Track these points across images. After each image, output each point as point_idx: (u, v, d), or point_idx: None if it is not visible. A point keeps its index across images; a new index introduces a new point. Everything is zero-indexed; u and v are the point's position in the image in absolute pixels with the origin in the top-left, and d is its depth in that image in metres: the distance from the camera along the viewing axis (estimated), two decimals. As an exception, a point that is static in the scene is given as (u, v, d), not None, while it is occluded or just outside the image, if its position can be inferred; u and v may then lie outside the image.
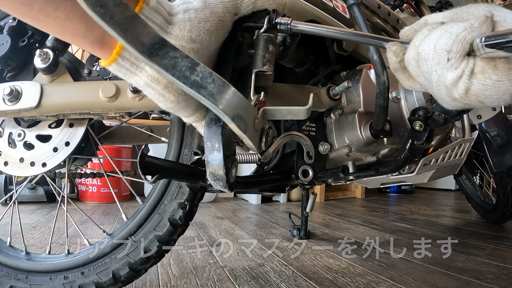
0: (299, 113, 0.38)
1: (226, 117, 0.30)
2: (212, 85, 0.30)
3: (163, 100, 0.35)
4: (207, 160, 0.35)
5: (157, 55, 0.29)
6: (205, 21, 0.35)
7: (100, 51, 0.34)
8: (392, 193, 3.27)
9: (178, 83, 0.30)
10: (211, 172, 0.35)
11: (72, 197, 2.29)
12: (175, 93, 0.35)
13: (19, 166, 0.67)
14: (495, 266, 1.01)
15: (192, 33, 0.34)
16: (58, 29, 0.32)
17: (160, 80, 0.34)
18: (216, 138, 0.34)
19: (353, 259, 1.08)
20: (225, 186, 0.35)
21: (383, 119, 0.55)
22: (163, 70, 0.29)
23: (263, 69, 0.37)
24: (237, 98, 0.31)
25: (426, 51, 0.31)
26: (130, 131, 0.93)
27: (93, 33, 0.32)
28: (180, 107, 0.36)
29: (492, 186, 1.75)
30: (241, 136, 0.33)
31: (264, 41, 0.38)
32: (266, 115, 0.38)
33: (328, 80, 0.68)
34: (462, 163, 0.74)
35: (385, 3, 0.80)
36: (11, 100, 0.59)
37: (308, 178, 0.64)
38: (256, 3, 0.38)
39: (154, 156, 0.50)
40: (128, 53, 0.33)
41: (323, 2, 0.59)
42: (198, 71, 0.30)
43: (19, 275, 0.69)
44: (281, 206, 2.36)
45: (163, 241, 0.68)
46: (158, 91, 0.34)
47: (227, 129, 0.34)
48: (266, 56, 0.37)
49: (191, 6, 0.35)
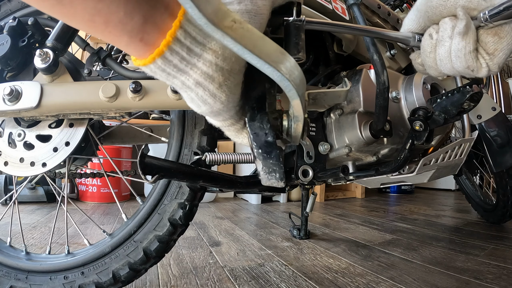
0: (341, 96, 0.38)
1: (294, 91, 0.29)
2: (280, 57, 0.28)
3: (212, 101, 0.31)
4: (258, 152, 0.33)
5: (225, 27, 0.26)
6: (259, 14, 0.33)
7: (139, 44, 0.28)
8: (392, 193, 3.27)
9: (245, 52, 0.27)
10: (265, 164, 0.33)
11: (72, 197, 2.29)
12: (228, 92, 0.32)
13: (19, 166, 0.67)
14: (495, 266, 1.01)
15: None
16: (87, 14, 0.26)
17: (215, 77, 0.30)
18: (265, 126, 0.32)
19: (353, 259, 1.08)
20: (282, 178, 0.34)
21: (383, 119, 0.55)
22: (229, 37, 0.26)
23: (298, 56, 0.37)
24: (300, 73, 0.30)
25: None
26: (130, 131, 0.93)
27: (134, 18, 0.26)
28: (227, 109, 0.33)
29: (492, 186, 1.75)
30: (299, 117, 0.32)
31: (296, 28, 0.38)
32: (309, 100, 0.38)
33: (328, 80, 0.68)
34: (462, 163, 0.74)
35: (385, 3, 0.80)
36: (11, 100, 0.59)
37: (308, 178, 0.64)
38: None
39: (154, 156, 0.50)
40: (179, 45, 0.28)
41: (322, 5, 0.59)
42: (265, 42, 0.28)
43: (19, 275, 0.69)
44: (281, 206, 2.36)
45: (163, 241, 0.68)
46: (211, 91, 0.31)
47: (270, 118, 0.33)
48: (299, 43, 0.37)
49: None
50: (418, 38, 0.45)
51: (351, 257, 1.10)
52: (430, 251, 1.18)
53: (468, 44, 0.39)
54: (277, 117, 0.36)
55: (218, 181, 0.59)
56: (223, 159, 0.58)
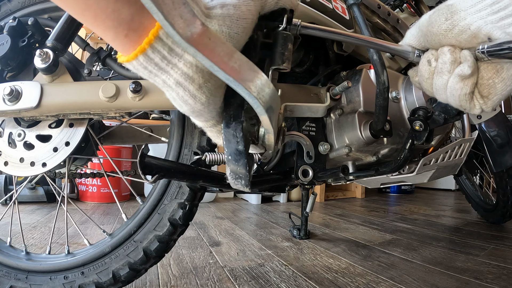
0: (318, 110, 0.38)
1: (261, 108, 0.30)
2: (249, 74, 0.29)
3: (192, 102, 0.32)
4: (228, 158, 0.34)
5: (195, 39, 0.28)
6: (242, 18, 0.34)
7: (124, 40, 0.29)
8: (392, 193, 3.27)
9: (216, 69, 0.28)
10: (233, 170, 0.34)
11: (72, 197, 2.29)
12: (207, 94, 0.32)
13: (19, 166, 0.67)
14: (495, 266, 1.01)
15: (232, 30, 0.33)
16: (78, 7, 0.28)
17: (195, 79, 0.31)
18: (237, 135, 0.33)
19: (353, 259, 1.08)
20: (247, 185, 0.34)
21: (383, 119, 0.55)
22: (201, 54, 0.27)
23: (282, 66, 0.37)
24: (270, 89, 0.31)
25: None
26: (130, 131, 0.93)
27: (121, 14, 0.28)
28: (208, 110, 0.34)
29: (492, 186, 1.75)
30: (268, 130, 0.33)
31: (283, 38, 0.38)
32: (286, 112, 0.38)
33: (328, 80, 0.68)
34: (462, 163, 0.74)
35: (385, 3, 0.80)
36: (11, 100, 0.59)
37: (308, 178, 0.64)
38: (278, 2, 0.38)
39: (154, 156, 0.50)
40: (161, 44, 0.29)
41: (322, 4, 0.59)
42: (235, 58, 0.29)
43: (19, 275, 0.69)
44: (281, 206, 2.36)
45: (163, 241, 0.68)
46: (191, 91, 0.32)
47: (244, 126, 0.34)
48: (285, 53, 0.37)
49: (227, 1, 0.34)
50: (418, 54, 0.44)
51: (351, 257, 1.10)
52: (430, 251, 1.18)
53: (466, 87, 0.37)
54: (255, 123, 0.36)
55: (218, 181, 0.59)
56: (223, 159, 0.58)
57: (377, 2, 0.69)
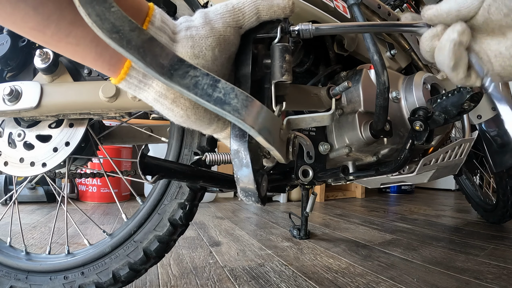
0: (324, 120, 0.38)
1: (253, 131, 0.30)
2: (236, 100, 0.29)
3: (172, 115, 0.35)
4: (237, 177, 0.34)
5: (178, 75, 0.29)
6: (206, 38, 0.35)
7: (108, 71, 0.35)
8: (392, 193, 3.27)
9: (201, 102, 0.29)
10: (242, 188, 0.34)
11: (72, 197, 2.29)
12: (183, 107, 0.35)
13: (19, 166, 0.67)
14: (495, 266, 1.01)
15: (195, 50, 0.34)
16: (69, 53, 0.33)
17: (168, 95, 0.34)
18: (244, 153, 0.33)
19: (353, 259, 1.08)
20: (257, 201, 0.35)
21: (383, 119, 0.55)
22: (185, 90, 0.29)
23: (282, 79, 0.37)
24: (261, 111, 0.31)
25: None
26: (130, 131, 0.93)
27: (102, 55, 0.33)
28: (191, 121, 0.36)
29: (492, 186, 1.75)
30: (269, 148, 0.33)
31: (280, 51, 0.38)
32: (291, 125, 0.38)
33: (328, 80, 0.68)
34: (462, 163, 0.74)
35: (385, 3, 0.80)
36: (11, 100, 0.59)
37: (308, 178, 0.64)
38: (260, 15, 0.37)
39: (154, 156, 0.50)
40: (135, 72, 0.33)
41: (324, 3, 0.59)
42: (220, 88, 0.30)
43: (19, 275, 0.69)
44: (281, 206, 2.36)
45: (163, 241, 0.68)
46: (167, 106, 0.34)
47: (252, 143, 0.34)
48: (283, 66, 0.37)
49: (192, 24, 0.35)
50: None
51: (351, 257, 1.10)
52: (430, 251, 1.18)
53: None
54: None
55: (218, 181, 0.59)
56: (223, 159, 0.58)
57: (377, 2, 0.69)
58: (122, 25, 0.27)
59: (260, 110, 0.31)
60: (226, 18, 0.36)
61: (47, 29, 0.30)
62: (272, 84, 0.38)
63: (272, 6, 0.37)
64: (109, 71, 0.35)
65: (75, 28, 0.31)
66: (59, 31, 0.31)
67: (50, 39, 0.31)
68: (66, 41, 0.31)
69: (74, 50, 0.33)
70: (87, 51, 0.33)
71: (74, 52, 0.33)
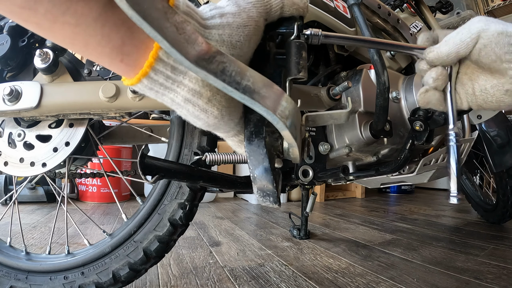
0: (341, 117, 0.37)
1: (281, 124, 0.28)
2: (265, 90, 0.28)
3: (205, 116, 0.31)
4: (254, 176, 0.33)
5: (204, 59, 0.26)
6: (244, 26, 0.33)
7: (120, 65, 0.29)
8: (392, 193, 3.27)
9: (229, 90, 0.27)
10: (260, 188, 0.33)
11: (72, 197, 2.29)
12: (219, 106, 0.31)
13: (19, 166, 0.67)
14: (495, 266, 1.01)
15: (233, 38, 0.32)
16: (67, 38, 0.27)
17: (203, 93, 0.30)
18: (261, 151, 0.32)
19: (353, 259, 1.08)
20: (276, 201, 0.33)
21: (383, 119, 0.55)
22: (212, 76, 0.26)
23: (298, 76, 0.36)
24: (290, 103, 0.30)
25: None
26: (130, 131, 0.93)
27: (111, 40, 0.27)
28: (223, 122, 0.33)
29: (492, 186, 1.75)
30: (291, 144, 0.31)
31: (297, 47, 0.37)
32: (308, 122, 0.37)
33: (328, 80, 0.68)
34: (462, 163, 0.74)
35: (385, 3, 0.80)
36: (11, 100, 0.59)
37: (308, 178, 0.64)
38: (284, 9, 0.37)
39: (154, 156, 0.50)
40: (163, 65, 0.28)
41: (325, 3, 0.59)
42: (248, 76, 0.28)
43: (19, 275, 0.69)
44: (281, 206, 2.36)
45: (163, 241, 0.68)
46: (200, 106, 0.30)
47: (267, 141, 0.32)
48: (300, 62, 0.37)
49: (226, 10, 0.33)
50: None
51: (351, 257, 1.10)
52: (430, 251, 1.18)
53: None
54: (278, 137, 0.35)
55: (218, 181, 0.59)
56: (223, 159, 0.58)
57: (377, 2, 0.69)
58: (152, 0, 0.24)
59: (288, 102, 0.29)
60: (257, 7, 0.35)
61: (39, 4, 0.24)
62: (288, 80, 0.37)
63: (294, 3, 0.37)
64: (121, 63, 0.29)
65: (74, 3, 0.25)
66: (54, 7, 0.25)
67: (43, 18, 0.25)
68: (62, 21, 0.25)
69: (74, 32, 0.26)
70: (90, 34, 0.26)
71: (74, 36, 0.27)
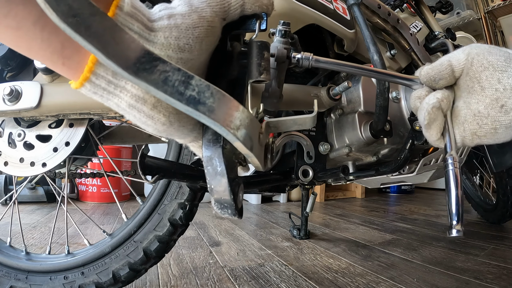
0: (306, 122, 0.35)
1: (231, 135, 0.26)
2: (211, 100, 0.26)
3: (152, 123, 0.30)
4: (210, 187, 0.31)
5: (144, 69, 0.25)
6: (194, 27, 0.30)
7: (62, 68, 0.28)
8: (392, 193, 3.27)
9: (172, 101, 0.25)
10: (217, 199, 0.31)
11: (72, 197, 2.29)
12: (165, 113, 0.29)
13: (19, 166, 0.67)
14: (495, 266, 1.01)
15: (180, 41, 0.30)
16: (12, 41, 0.27)
17: (147, 99, 0.28)
18: (218, 161, 0.30)
19: (353, 259, 1.08)
20: (234, 214, 0.31)
21: (383, 119, 0.55)
22: (153, 87, 0.25)
23: (260, 78, 0.34)
24: (242, 112, 0.27)
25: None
26: (130, 131, 0.93)
27: (51, 44, 0.27)
28: (174, 129, 0.31)
29: (492, 186, 1.75)
30: (248, 155, 0.29)
31: (258, 47, 0.35)
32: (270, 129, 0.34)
33: (328, 80, 0.68)
34: (462, 163, 0.74)
35: (385, 3, 0.80)
36: (11, 100, 0.59)
37: (308, 178, 0.64)
38: (245, 7, 0.34)
39: (154, 156, 0.50)
40: (103, 70, 0.27)
41: (324, 5, 0.59)
42: (193, 85, 0.26)
43: (19, 275, 0.69)
44: (281, 206, 2.36)
45: (163, 241, 0.68)
46: (146, 112, 0.29)
47: (227, 148, 0.30)
48: (262, 64, 0.34)
49: (175, 11, 0.31)
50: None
51: (351, 257, 1.10)
52: (430, 251, 1.18)
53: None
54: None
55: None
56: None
57: (377, 2, 0.69)
58: (81, 8, 0.23)
59: (238, 111, 0.27)
60: (213, 6, 0.32)
61: None
62: (249, 83, 0.35)
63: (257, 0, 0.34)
64: (64, 66, 0.28)
65: (14, 6, 0.24)
66: None
67: None
68: (5, 24, 0.25)
69: (16, 36, 0.26)
70: (31, 37, 0.26)
71: (17, 39, 0.26)
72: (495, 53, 0.36)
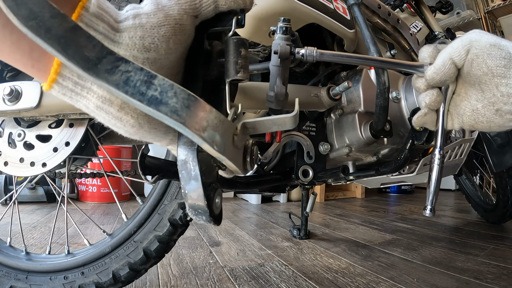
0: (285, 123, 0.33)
1: (197, 137, 0.25)
2: (174, 100, 0.24)
3: (121, 125, 0.29)
4: (184, 192, 0.29)
5: (106, 70, 0.24)
6: (159, 26, 0.30)
7: (32, 70, 0.29)
8: (392, 193, 3.27)
9: (133, 102, 0.24)
10: (190, 205, 0.29)
11: (72, 197, 2.29)
12: (133, 114, 0.29)
13: (19, 166, 0.67)
14: (495, 266, 1.01)
15: (145, 40, 0.29)
16: None
17: (113, 100, 0.28)
18: (192, 165, 0.29)
19: (353, 259, 1.08)
20: (209, 220, 0.30)
21: (383, 119, 0.55)
22: (114, 88, 0.24)
23: (237, 77, 0.33)
24: (208, 112, 0.26)
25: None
26: (130, 131, 0.93)
27: (20, 46, 0.27)
28: (145, 131, 0.30)
29: (492, 186, 1.75)
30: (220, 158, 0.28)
31: (234, 45, 0.34)
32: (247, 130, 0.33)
33: (328, 80, 0.68)
34: (462, 163, 0.74)
35: (385, 3, 0.80)
36: (11, 100, 0.59)
37: (308, 178, 0.64)
38: (218, 2, 0.33)
39: (154, 156, 0.50)
40: (68, 71, 0.27)
41: (324, 4, 0.59)
42: (156, 85, 0.25)
43: (19, 275, 0.69)
44: (281, 206, 2.36)
45: (163, 241, 0.68)
46: (113, 114, 0.28)
47: (204, 152, 0.29)
48: (238, 62, 0.33)
49: (141, 10, 0.30)
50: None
51: (351, 257, 1.10)
52: (430, 251, 1.18)
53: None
54: None
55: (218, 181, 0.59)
56: (223, 159, 0.58)
57: (377, 2, 0.69)
58: (42, 11, 0.23)
59: (205, 112, 0.26)
60: (182, 4, 0.31)
61: None
62: (227, 82, 0.34)
63: None
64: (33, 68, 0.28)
65: None
66: None
67: None
68: None
69: None
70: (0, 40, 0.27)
71: None
72: (495, 56, 0.36)
